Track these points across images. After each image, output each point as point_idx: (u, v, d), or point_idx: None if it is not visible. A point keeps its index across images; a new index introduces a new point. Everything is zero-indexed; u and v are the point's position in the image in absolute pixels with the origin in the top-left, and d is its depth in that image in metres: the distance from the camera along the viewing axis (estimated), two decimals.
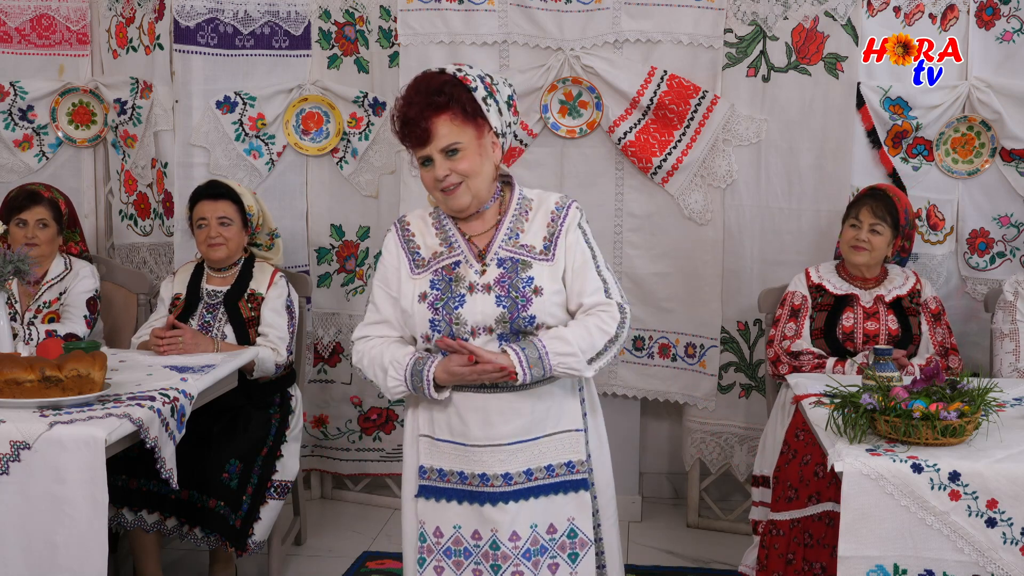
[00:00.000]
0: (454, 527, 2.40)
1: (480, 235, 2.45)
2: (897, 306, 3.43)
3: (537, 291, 2.37)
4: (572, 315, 2.43)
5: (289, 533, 3.77)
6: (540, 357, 2.33)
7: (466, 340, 2.35)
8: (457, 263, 2.41)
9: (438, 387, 2.37)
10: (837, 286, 3.48)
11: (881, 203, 3.42)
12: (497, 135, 2.41)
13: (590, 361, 2.37)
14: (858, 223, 3.42)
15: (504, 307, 2.35)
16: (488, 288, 2.37)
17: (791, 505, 2.96)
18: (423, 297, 2.39)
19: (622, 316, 2.40)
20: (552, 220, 2.44)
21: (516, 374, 2.31)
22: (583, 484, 2.43)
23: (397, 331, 2.48)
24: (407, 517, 2.48)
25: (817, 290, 3.48)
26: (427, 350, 2.42)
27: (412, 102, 2.35)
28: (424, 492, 2.42)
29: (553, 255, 2.41)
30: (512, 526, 2.37)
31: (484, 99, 2.36)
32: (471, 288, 2.37)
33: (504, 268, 2.39)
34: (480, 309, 2.36)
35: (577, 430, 2.46)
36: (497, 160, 2.43)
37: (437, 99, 2.34)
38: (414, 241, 2.47)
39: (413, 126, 2.34)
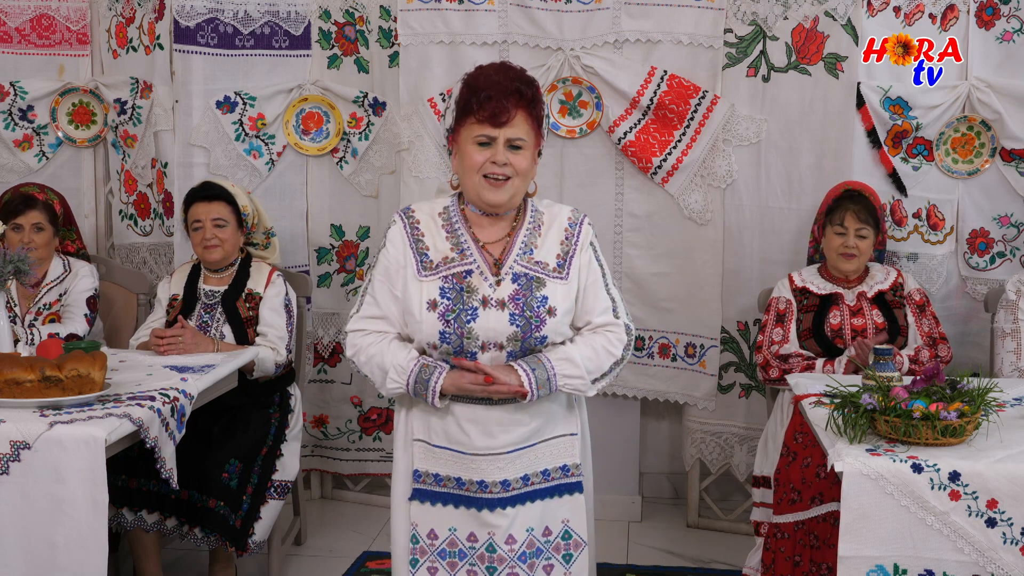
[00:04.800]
0: (449, 529, 2.40)
1: (494, 243, 2.42)
2: (881, 301, 3.46)
3: (551, 312, 2.35)
4: (577, 331, 2.43)
5: (289, 533, 3.77)
6: (548, 379, 2.33)
7: (475, 353, 2.33)
8: (469, 272, 2.37)
9: (440, 395, 2.36)
10: (821, 287, 3.50)
11: (862, 206, 3.45)
12: (539, 154, 2.45)
13: (594, 381, 2.39)
14: (844, 230, 3.44)
15: (518, 326, 2.33)
16: (502, 304, 2.33)
17: (794, 507, 2.96)
18: (433, 305, 2.34)
19: (628, 339, 2.42)
20: (566, 238, 2.43)
21: (526, 395, 2.32)
22: (577, 487, 2.44)
23: (395, 327, 2.42)
24: (398, 518, 2.46)
25: (802, 293, 3.50)
26: (422, 352, 2.39)
27: (497, 79, 2.33)
28: (419, 495, 2.40)
29: (567, 274, 2.40)
30: (509, 530, 2.37)
31: (544, 116, 2.42)
32: (484, 302, 2.33)
33: (519, 284, 2.36)
34: (493, 326, 2.33)
35: (572, 434, 2.46)
36: (532, 176, 2.44)
37: (525, 90, 2.35)
38: (423, 241, 2.41)
39: (496, 101, 2.31)
